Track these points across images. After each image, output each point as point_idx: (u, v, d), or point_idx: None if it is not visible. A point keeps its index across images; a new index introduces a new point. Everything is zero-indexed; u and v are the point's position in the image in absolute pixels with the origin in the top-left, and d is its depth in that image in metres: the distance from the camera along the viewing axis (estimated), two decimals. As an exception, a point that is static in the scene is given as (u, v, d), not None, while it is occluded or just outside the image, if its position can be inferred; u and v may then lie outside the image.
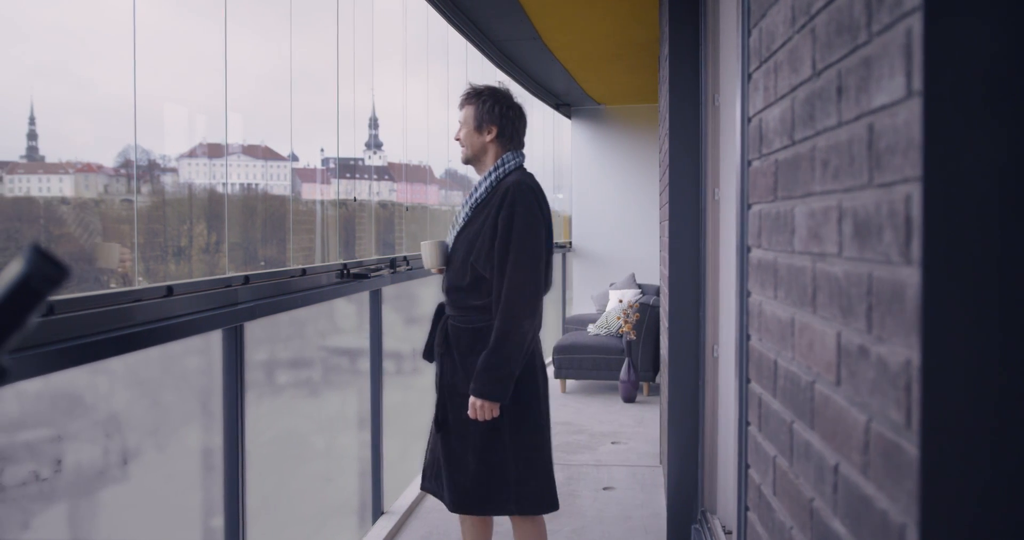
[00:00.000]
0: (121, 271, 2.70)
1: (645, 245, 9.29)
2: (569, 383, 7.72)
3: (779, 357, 1.53)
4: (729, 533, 3.32)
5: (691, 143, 3.76)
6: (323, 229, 4.19)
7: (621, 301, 7.60)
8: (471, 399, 2.82)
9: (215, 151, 3.13)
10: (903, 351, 0.89)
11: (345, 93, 4.27)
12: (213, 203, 3.17)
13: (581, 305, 9.84)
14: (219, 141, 3.15)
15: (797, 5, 1.38)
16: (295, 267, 3.39)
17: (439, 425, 3.00)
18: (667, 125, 3.97)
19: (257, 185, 3.50)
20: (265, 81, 3.65)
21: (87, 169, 2.53)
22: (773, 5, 1.57)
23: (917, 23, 0.85)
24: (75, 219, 2.54)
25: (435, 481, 3.03)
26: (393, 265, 4.39)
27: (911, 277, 0.87)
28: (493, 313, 2.86)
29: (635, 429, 6.24)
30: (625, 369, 7.08)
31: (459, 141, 3.06)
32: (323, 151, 4.21)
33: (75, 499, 2.27)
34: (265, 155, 3.52)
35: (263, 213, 3.63)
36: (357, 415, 4.24)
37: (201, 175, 3.08)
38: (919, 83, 0.85)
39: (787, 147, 1.46)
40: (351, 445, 4.26)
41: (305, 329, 3.89)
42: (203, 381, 2.82)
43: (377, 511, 4.23)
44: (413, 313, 5.53)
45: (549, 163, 10.02)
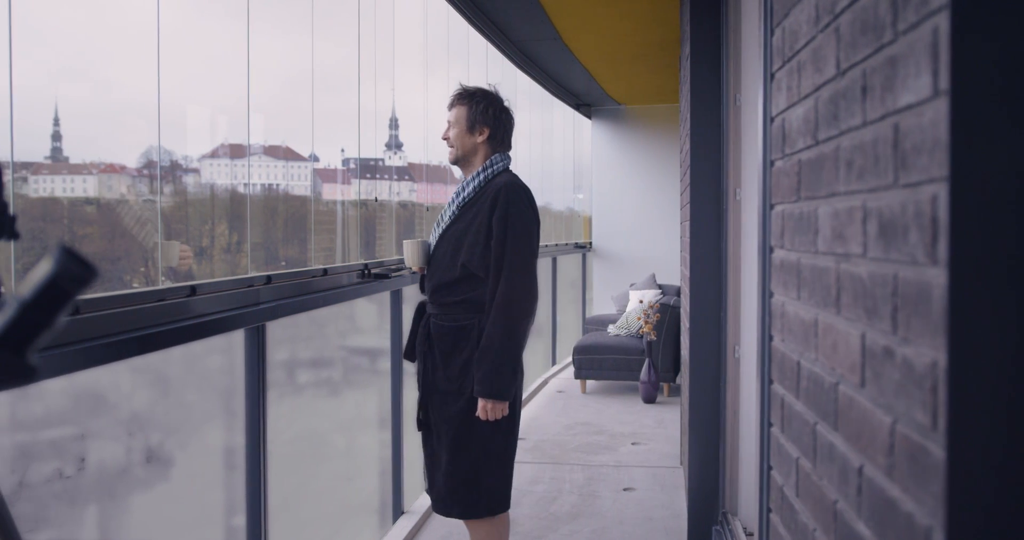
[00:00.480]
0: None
1: (665, 245, 9.26)
2: (589, 384, 7.71)
3: (802, 358, 1.52)
4: (751, 535, 3.30)
5: (712, 143, 3.75)
6: (343, 229, 4.20)
7: (641, 302, 7.57)
8: (480, 401, 2.85)
9: (237, 152, 3.15)
10: (929, 352, 0.88)
11: (366, 94, 4.28)
12: (235, 203, 3.19)
13: (601, 306, 9.82)
14: (240, 142, 3.17)
15: (821, 4, 1.37)
16: (316, 267, 3.40)
17: (421, 424, 3.06)
18: (688, 125, 3.96)
19: (278, 185, 3.52)
20: (286, 82, 3.67)
21: (110, 170, 2.55)
22: (796, 4, 1.57)
23: (944, 22, 0.84)
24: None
25: (427, 480, 3.10)
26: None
27: (937, 278, 0.86)
28: (487, 312, 2.88)
29: (655, 430, 6.23)
30: (645, 370, 7.06)
31: (447, 141, 3.08)
32: (343, 151, 4.23)
33: (99, 497, 2.29)
34: (286, 156, 3.54)
35: (284, 213, 3.65)
36: (377, 415, 4.25)
37: (223, 175, 3.10)
38: (946, 82, 0.84)
39: (811, 147, 1.45)
40: (371, 445, 4.28)
41: (325, 329, 3.90)
42: (225, 380, 2.83)
43: (397, 511, 4.24)
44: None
45: (569, 163, 10.01)
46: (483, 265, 2.89)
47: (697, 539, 3.87)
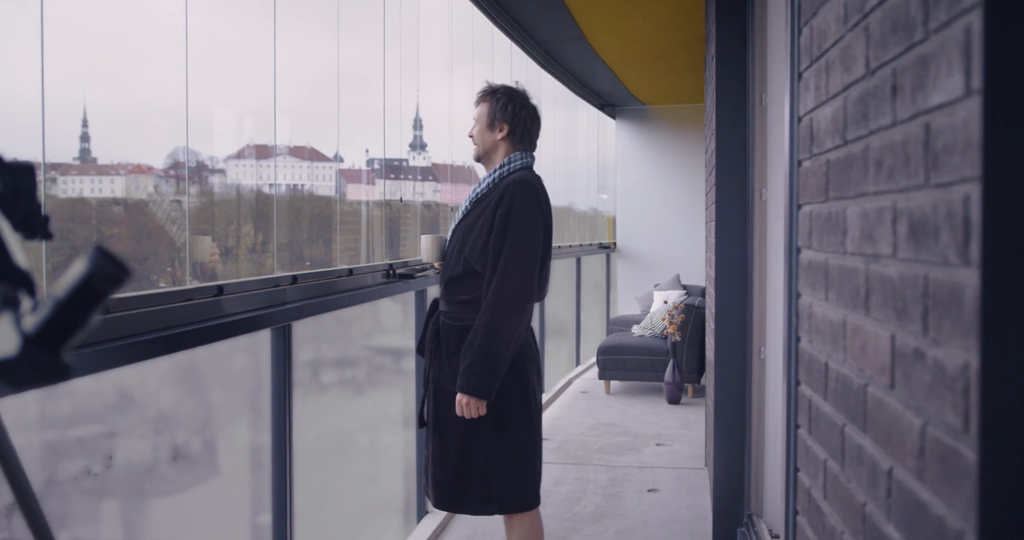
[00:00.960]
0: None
1: (690, 246, 9.23)
2: (613, 384, 7.69)
3: (830, 359, 1.51)
4: (776, 537, 3.28)
5: (738, 143, 3.73)
6: (368, 229, 4.22)
7: (666, 302, 7.55)
8: (458, 396, 2.82)
9: (262, 152, 3.17)
10: (961, 354, 0.87)
11: (391, 94, 4.30)
12: (260, 203, 3.21)
13: (625, 306, 9.80)
14: (266, 142, 3.19)
15: (850, 3, 1.36)
16: (342, 267, 3.41)
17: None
18: (713, 125, 3.94)
19: (303, 186, 3.53)
20: (312, 83, 3.69)
21: (138, 170, 2.58)
22: (825, 3, 1.56)
23: (977, 20, 0.83)
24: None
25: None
26: (438, 265, 4.40)
27: (969, 279, 0.85)
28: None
29: (680, 431, 6.20)
30: (670, 370, 7.04)
31: (471, 138, 3.07)
32: (368, 152, 4.24)
33: (125, 494, 2.31)
34: (311, 156, 3.56)
35: (309, 214, 3.67)
36: (401, 414, 4.27)
37: (248, 176, 3.12)
38: (978, 81, 0.83)
39: (839, 147, 1.44)
40: (395, 444, 4.29)
41: (350, 329, 3.92)
42: (251, 379, 2.85)
43: (422, 510, 4.25)
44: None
45: (593, 164, 10.00)
46: (482, 260, 2.85)
47: (722, 541, 3.85)
